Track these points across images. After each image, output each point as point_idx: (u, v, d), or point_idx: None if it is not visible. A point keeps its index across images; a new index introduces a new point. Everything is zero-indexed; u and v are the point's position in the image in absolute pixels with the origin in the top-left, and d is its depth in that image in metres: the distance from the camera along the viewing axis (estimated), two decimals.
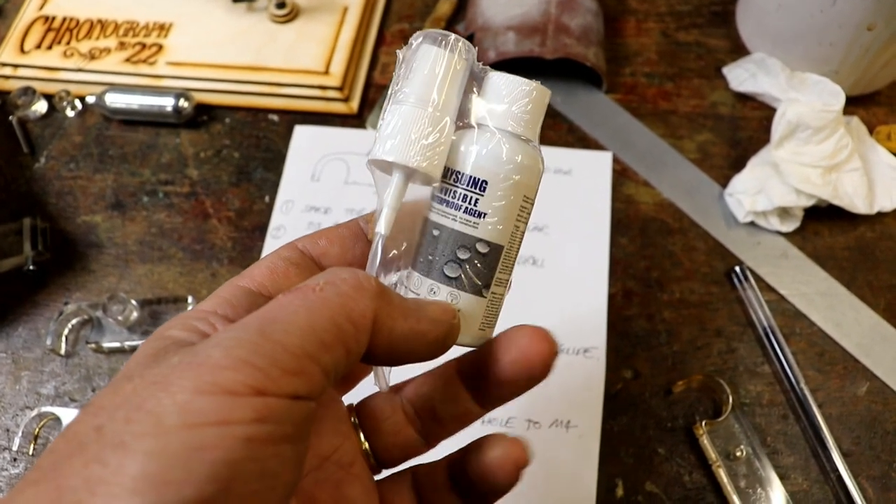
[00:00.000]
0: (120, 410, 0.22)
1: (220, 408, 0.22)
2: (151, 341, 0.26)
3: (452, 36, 0.31)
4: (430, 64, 0.30)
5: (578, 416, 0.56)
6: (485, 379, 0.32)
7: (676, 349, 0.59)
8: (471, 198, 0.31)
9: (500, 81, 0.32)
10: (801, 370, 0.57)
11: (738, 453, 0.53)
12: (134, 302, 0.60)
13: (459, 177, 0.31)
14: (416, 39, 0.31)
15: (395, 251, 0.32)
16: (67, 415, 0.56)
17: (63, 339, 0.60)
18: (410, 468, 0.36)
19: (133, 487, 0.20)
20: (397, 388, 0.36)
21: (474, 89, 0.32)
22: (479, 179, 0.30)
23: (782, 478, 0.53)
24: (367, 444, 0.35)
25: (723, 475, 0.53)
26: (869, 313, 0.60)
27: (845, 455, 0.54)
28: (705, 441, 0.54)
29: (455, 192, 0.31)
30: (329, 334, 0.25)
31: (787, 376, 0.57)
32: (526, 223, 0.32)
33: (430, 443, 0.35)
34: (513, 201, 0.31)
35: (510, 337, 0.32)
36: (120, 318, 0.58)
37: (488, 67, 0.32)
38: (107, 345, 0.59)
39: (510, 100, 0.31)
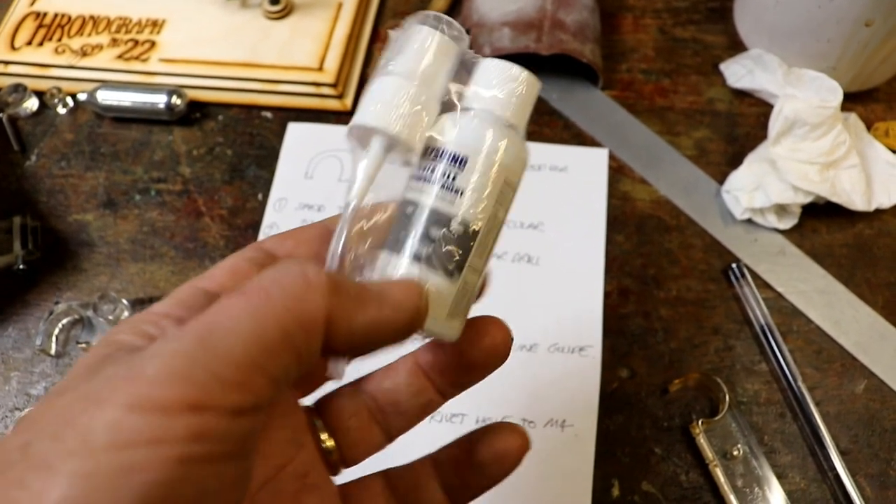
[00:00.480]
0: (49, 427, 0.21)
1: (152, 426, 0.20)
2: (97, 347, 0.25)
3: (446, 18, 0.30)
4: (419, 41, 0.30)
5: (574, 416, 0.55)
6: (451, 367, 0.32)
7: (673, 347, 0.58)
8: (449, 173, 0.29)
9: (489, 66, 0.31)
10: (799, 368, 0.56)
11: (735, 452, 0.53)
12: (125, 301, 0.59)
13: (439, 153, 0.30)
14: (411, 20, 0.30)
15: (362, 225, 0.31)
16: None
17: (53, 339, 0.60)
18: (381, 471, 0.35)
19: None
20: (357, 385, 0.35)
21: (466, 77, 0.32)
22: (459, 155, 0.29)
23: (780, 477, 0.53)
24: (331, 442, 0.33)
25: (720, 474, 0.52)
26: (867, 311, 0.60)
27: (843, 453, 0.53)
28: (702, 440, 0.53)
29: (434, 167, 0.30)
30: (276, 341, 0.23)
31: (784, 374, 0.56)
32: (506, 212, 0.31)
33: (392, 437, 0.35)
34: (493, 183, 0.30)
35: (480, 325, 0.31)
36: (111, 317, 0.58)
37: (479, 55, 0.32)
38: None
39: (499, 84, 0.31)
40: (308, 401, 0.35)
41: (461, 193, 0.29)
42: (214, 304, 0.24)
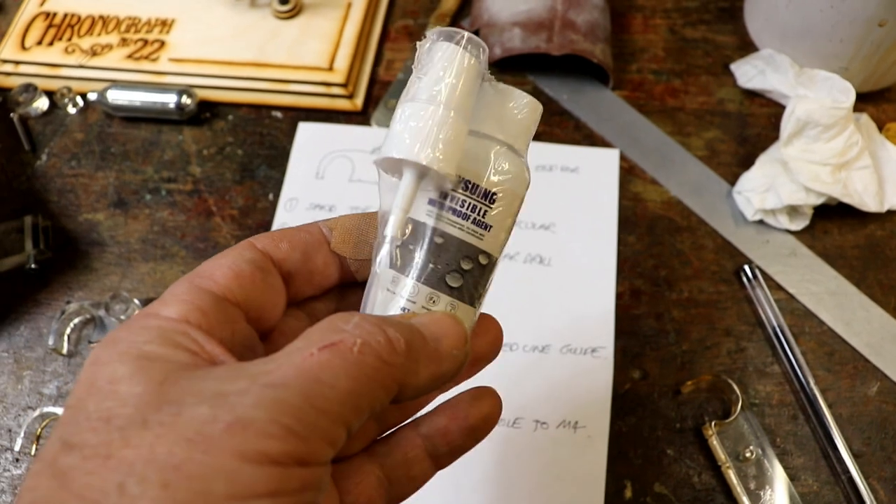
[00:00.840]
0: (149, 468, 0.20)
1: (269, 478, 0.21)
2: (128, 362, 0.24)
3: (466, 34, 0.30)
4: (447, 62, 0.29)
5: (586, 417, 0.55)
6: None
7: (685, 349, 0.58)
8: (480, 209, 0.30)
9: (507, 93, 0.32)
10: (811, 370, 0.56)
11: (748, 454, 0.53)
12: (136, 301, 0.59)
13: (469, 186, 0.30)
14: (432, 36, 0.30)
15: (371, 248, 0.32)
16: None
17: (65, 338, 0.60)
18: (367, 448, 0.34)
19: None
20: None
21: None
22: (490, 192, 0.30)
23: (792, 479, 0.53)
24: None
25: (732, 476, 0.52)
26: (879, 312, 0.60)
27: (856, 456, 0.53)
28: (714, 442, 0.53)
29: (464, 201, 0.30)
30: (364, 401, 0.24)
31: (796, 376, 0.56)
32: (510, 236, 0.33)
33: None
34: (512, 216, 0.31)
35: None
36: (122, 317, 0.58)
37: (493, 77, 0.32)
38: None
39: (512, 112, 0.32)
40: None
41: (489, 228, 0.30)
42: (307, 353, 0.24)
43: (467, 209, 0.30)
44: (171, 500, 0.20)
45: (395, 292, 0.30)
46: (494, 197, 0.30)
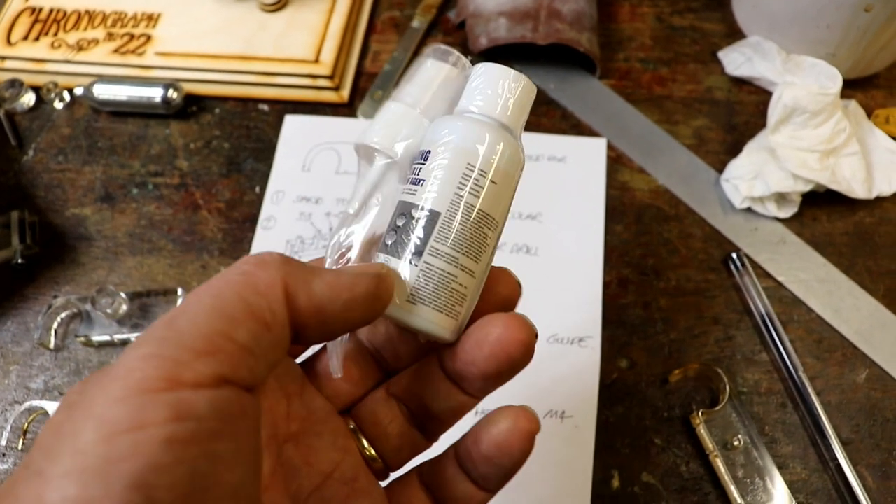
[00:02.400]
0: (45, 441, 0.21)
1: (133, 412, 0.21)
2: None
3: (451, 50, 0.34)
4: (427, 73, 0.33)
5: (573, 407, 0.55)
6: (465, 374, 0.31)
7: (673, 337, 0.58)
8: (416, 168, 0.31)
9: (474, 72, 0.33)
10: (800, 358, 0.56)
11: (736, 443, 0.53)
12: (123, 295, 0.59)
13: (417, 154, 0.32)
14: (425, 54, 0.34)
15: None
16: (56, 409, 0.56)
17: (52, 332, 0.59)
18: (415, 467, 0.34)
19: None
20: (388, 390, 0.35)
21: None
22: (424, 150, 0.31)
23: (780, 467, 0.53)
24: (372, 450, 0.33)
25: (720, 465, 0.52)
26: (868, 299, 0.59)
27: (844, 443, 0.53)
28: (702, 430, 0.53)
29: (411, 167, 0.32)
30: (238, 310, 0.24)
31: (785, 364, 0.56)
32: (475, 195, 0.30)
33: (431, 438, 0.35)
34: (450, 167, 0.30)
35: (483, 328, 0.30)
36: (109, 311, 0.58)
37: (468, 63, 0.34)
38: (96, 338, 0.58)
39: (478, 86, 0.32)
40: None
41: (421, 183, 0.31)
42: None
43: (411, 174, 0.31)
44: (49, 460, 0.20)
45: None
46: (427, 154, 0.31)
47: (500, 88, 0.32)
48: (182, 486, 0.21)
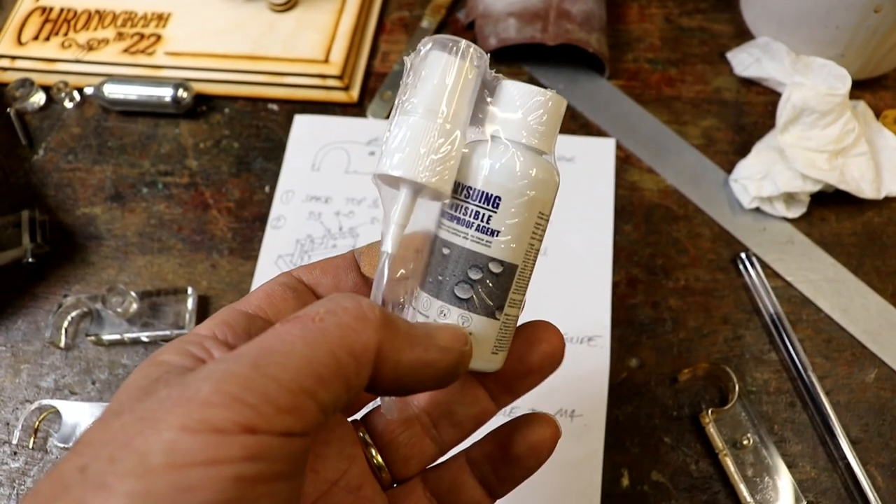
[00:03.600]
0: (105, 449, 0.21)
1: (208, 447, 0.21)
2: (144, 367, 0.25)
3: (463, 42, 0.29)
4: (439, 72, 0.29)
5: (583, 406, 0.55)
6: (509, 374, 0.32)
7: (682, 337, 0.58)
8: (483, 215, 0.29)
9: (513, 90, 0.30)
10: (809, 357, 0.56)
11: (745, 441, 0.53)
12: (133, 294, 0.59)
13: (471, 192, 0.29)
14: (425, 46, 0.29)
15: (402, 270, 0.31)
16: (67, 408, 0.56)
17: (62, 331, 0.60)
18: (420, 472, 0.35)
19: None
20: (408, 398, 0.35)
21: (487, 98, 0.30)
22: (491, 195, 0.29)
23: (790, 466, 0.53)
24: (379, 459, 0.34)
25: (730, 464, 0.52)
26: (876, 299, 0.59)
27: (853, 443, 0.53)
28: (712, 429, 0.53)
29: (466, 208, 0.29)
30: (327, 368, 0.23)
31: (794, 363, 0.56)
32: (541, 241, 0.31)
33: (444, 449, 0.35)
34: (527, 218, 0.29)
35: (534, 331, 0.32)
36: (119, 310, 0.58)
37: (501, 76, 0.31)
38: (106, 337, 0.58)
39: (524, 110, 0.30)
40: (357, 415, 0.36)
41: (496, 234, 0.29)
42: (269, 329, 0.24)
43: (469, 216, 0.29)
44: (114, 473, 0.20)
45: (408, 304, 0.31)
46: (497, 201, 0.29)
47: (543, 113, 0.30)
48: None
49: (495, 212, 0.29)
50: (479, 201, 0.29)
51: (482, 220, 0.29)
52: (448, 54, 0.29)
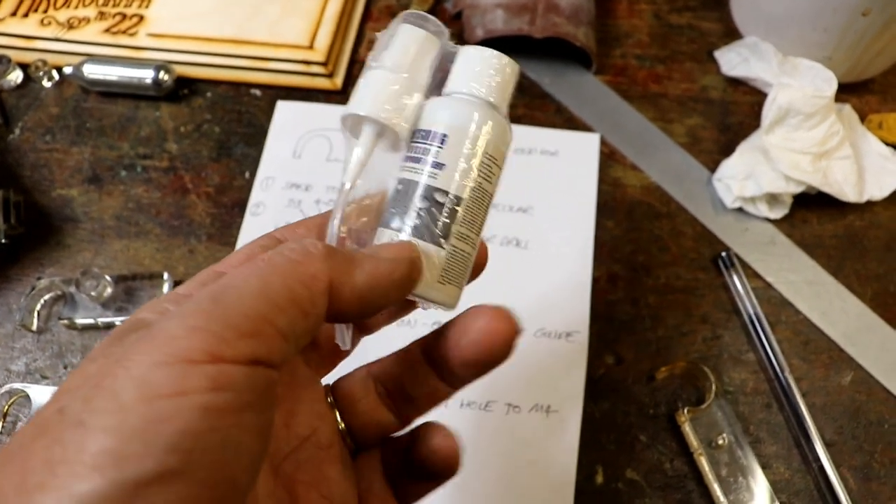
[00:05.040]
0: (80, 390, 0.22)
1: (176, 378, 0.22)
2: (121, 325, 0.27)
3: (427, 15, 0.33)
4: (403, 37, 0.33)
5: (559, 401, 0.55)
6: (446, 360, 0.32)
7: (661, 335, 0.58)
8: (432, 150, 0.32)
9: (469, 52, 0.34)
10: (786, 359, 0.56)
11: (721, 441, 0.53)
12: (108, 278, 0.58)
13: (423, 133, 0.32)
14: (395, 21, 0.33)
15: (364, 219, 0.33)
16: (38, 392, 0.55)
17: (35, 314, 0.59)
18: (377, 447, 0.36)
19: (93, 464, 0.20)
20: (369, 368, 0.36)
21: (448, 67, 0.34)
22: (439, 133, 0.32)
23: (764, 467, 0.53)
24: (343, 425, 0.35)
25: (704, 463, 0.52)
26: (855, 302, 0.59)
27: (828, 445, 0.53)
28: (687, 428, 0.53)
29: (419, 147, 0.32)
30: (282, 297, 0.25)
31: (771, 365, 0.56)
32: (492, 184, 0.33)
33: (404, 422, 0.35)
34: (472, 154, 0.32)
35: (469, 318, 0.31)
36: (93, 293, 0.57)
37: (458, 46, 0.34)
38: (80, 321, 0.58)
39: (478, 68, 0.33)
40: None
41: (442, 167, 0.31)
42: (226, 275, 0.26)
43: (420, 153, 0.32)
44: (89, 411, 0.21)
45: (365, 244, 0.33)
46: (444, 138, 0.31)
47: (498, 71, 0.33)
48: (214, 453, 0.22)
49: (442, 148, 0.32)
50: (429, 139, 0.32)
51: (431, 156, 0.31)
52: (412, 26, 0.33)
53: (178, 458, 0.21)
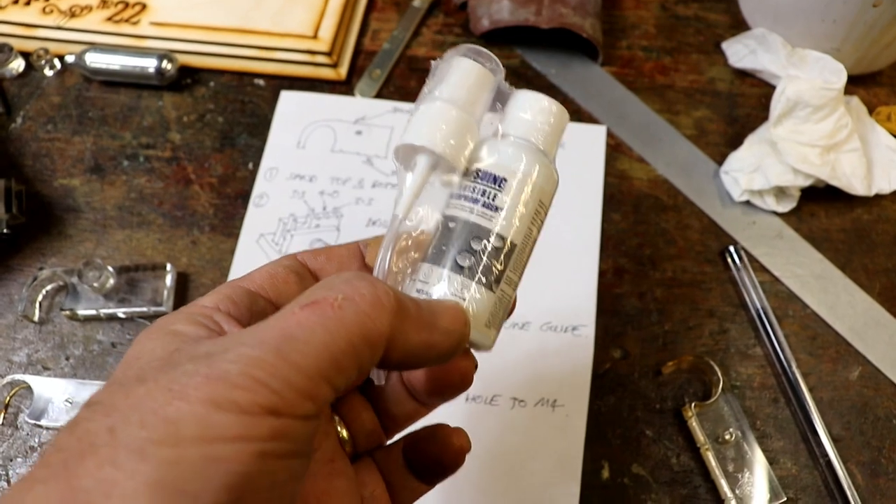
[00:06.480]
0: (134, 413, 0.22)
1: (237, 424, 0.22)
2: (157, 336, 0.27)
3: (484, 51, 0.33)
4: (461, 71, 0.33)
5: (565, 396, 0.55)
6: (413, 387, 0.34)
7: (667, 329, 0.58)
8: (489, 192, 0.32)
9: (525, 96, 0.34)
10: (794, 353, 0.56)
11: (727, 436, 0.52)
12: (110, 268, 0.58)
13: (479, 173, 0.32)
14: (452, 52, 0.33)
15: (408, 241, 0.33)
16: (39, 383, 0.55)
17: (37, 305, 0.58)
18: (370, 452, 0.37)
19: (148, 494, 0.20)
20: (358, 388, 0.37)
21: (498, 107, 0.34)
22: (498, 176, 0.32)
23: (771, 462, 0.52)
24: (346, 433, 0.35)
25: (711, 458, 0.52)
26: (863, 297, 0.59)
27: (835, 440, 0.53)
28: (694, 423, 0.53)
29: (474, 187, 0.32)
30: (345, 355, 0.25)
31: (778, 359, 0.56)
32: (539, 230, 0.34)
33: (389, 435, 0.37)
34: (528, 202, 0.32)
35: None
36: (95, 284, 0.57)
37: (514, 88, 0.34)
38: (82, 312, 0.57)
39: (532, 114, 0.33)
40: None
41: (499, 210, 0.32)
42: (290, 313, 0.25)
43: (477, 194, 0.32)
44: (146, 439, 0.21)
45: (409, 275, 0.33)
46: (503, 182, 0.32)
47: (551, 119, 0.34)
48: (262, 493, 0.23)
49: (500, 191, 0.32)
50: (487, 181, 0.32)
51: (488, 198, 0.32)
52: (470, 59, 0.33)
53: (231, 497, 0.22)
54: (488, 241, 0.31)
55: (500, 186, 0.32)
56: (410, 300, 0.28)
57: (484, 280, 0.31)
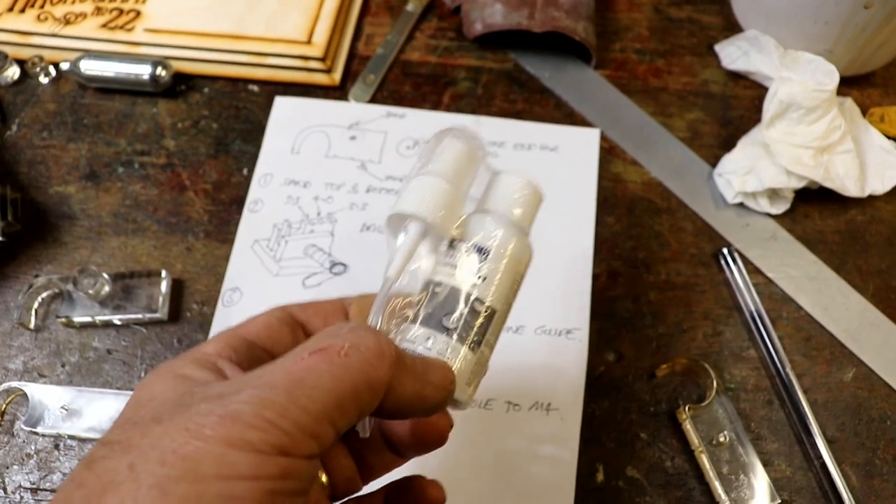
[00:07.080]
0: (153, 451, 0.24)
1: (251, 463, 0.24)
2: (167, 380, 0.29)
3: (473, 134, 0.37)
4: (451, 150, 0.36)
5: (559, 399, 0.55)
6: (391, 439, 0.36)
7: (661, 332, 0.58)
8: (477, 262, 0.35)
9: (506, 179, 0.38)
10: (788, 355, 0.56)
11: (722, 439, 0.52)
12: (106, 275, 0.58)
13: (468, 245, 0.35)
14: (444, 133, 0.37)
15: (398, 302, 0.35)
16: (35, 391, 0.55)
17: (32, 312, 0.58)
18: (351, 498, 0.38)
19: None
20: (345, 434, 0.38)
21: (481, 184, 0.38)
22: (482, 247, 0.35)
23: (766, 464, 0.52)
24: (325, 479, 0.36)
25: (705, 461, 0.52)
26: (857, 298, 0.59)
27: (830, 442, 0.53)
28: (688, 426, 0.53)
29: (462, 256, 0.35)
30: (349, 400, 0.27)
31: (773, 361, 0.56)
32: (515, 297, 0.36)
33: (365, 481, 0.38)
34: (508, 274, 0.35)
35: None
36: (91, 291, 0.57)
37: (497, 169, 0.38)
38: (77, 319, 0.57)
39: (517, 195, 0.37)
40: None
41: (485, 280, 0.35)
42: (298, 356, 0.28)
43: (463, 262, 0.35)
44: (166, 476, 0.23)
45: (397, 333, 0.35)
46: (487, 253, 0.35)
47: (530, 199, 0.37)
48: None
49: (484, 262, 0.35)
50: (475, 252, 0.35)
51: (475, 267, 0.35)
52: (460, 142, 0.37)
53: None
54: (473, 307, 0.34)
55: (485, 257, 0.35)
56: (407, 356, 0.31)
57: (469, 341, 0.34)
